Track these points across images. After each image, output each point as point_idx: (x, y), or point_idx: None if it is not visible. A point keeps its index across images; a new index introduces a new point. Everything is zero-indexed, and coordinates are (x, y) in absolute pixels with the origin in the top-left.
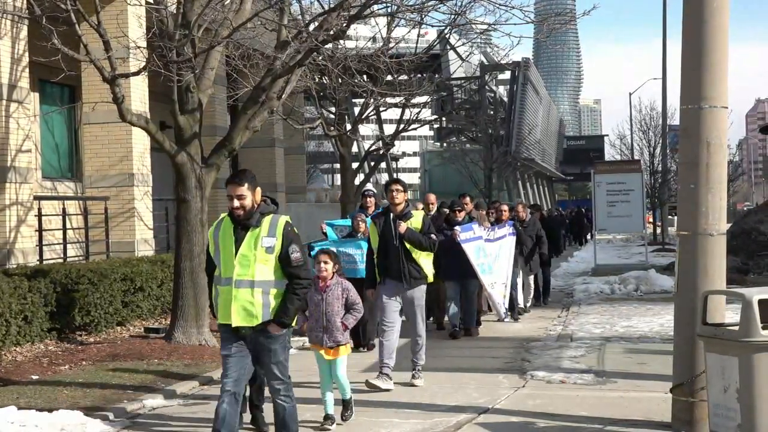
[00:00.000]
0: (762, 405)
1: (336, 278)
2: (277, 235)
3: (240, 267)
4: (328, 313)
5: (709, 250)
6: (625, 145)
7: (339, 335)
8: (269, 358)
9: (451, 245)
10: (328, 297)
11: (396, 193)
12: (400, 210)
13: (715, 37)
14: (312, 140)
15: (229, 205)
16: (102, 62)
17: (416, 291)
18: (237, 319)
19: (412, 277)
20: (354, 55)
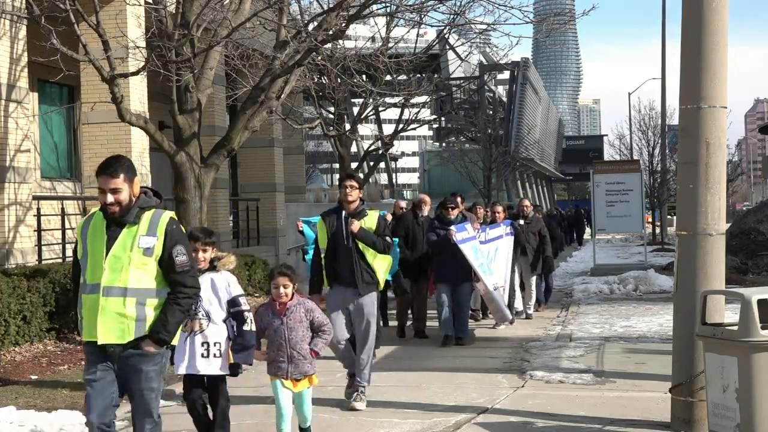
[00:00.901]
0: (761, 405)
1: (297, 298)
2: (158, 234)
3: (110, 271)
4: (291, 340)
5: (708, 249)
6: (624, 145)
7: (307, 365)
8: (140, 384)
9: (445, 246)
10: (289, 321)
11: (349, 189)
12: (354, 208)
13: (714, 37)
14: (311, 140)
15: (101, 200)
16: (101, 62)
17: (368, 298)
18: (104, 335)
19: (364, 281)
20: (353, 55)
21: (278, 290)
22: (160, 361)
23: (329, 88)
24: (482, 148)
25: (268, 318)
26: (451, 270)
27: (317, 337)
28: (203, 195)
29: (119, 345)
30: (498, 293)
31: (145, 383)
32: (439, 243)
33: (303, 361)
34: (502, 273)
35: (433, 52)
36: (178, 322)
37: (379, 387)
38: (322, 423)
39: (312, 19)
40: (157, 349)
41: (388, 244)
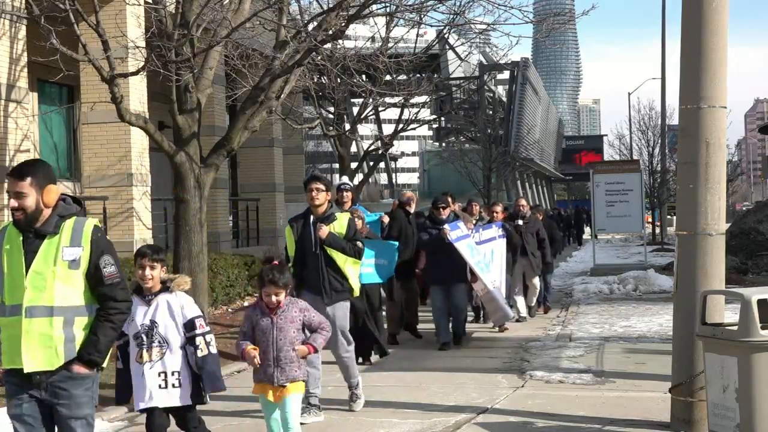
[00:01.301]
0: (761, 405)
1: (290, 298)
2: (83, 244)
3: (33, 289)
4: (279, 342)
5: (708, 249)
6: (624, 145)
7: (295, 369)
8: (70, 411)
9: (438, 246)
10: (279, 321)
11: (316, 192)
12: (322, 212)
13: (714, 37)
14: (311, 140)
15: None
16: (101, 62)
17: (338, 307)
18: (31, 362)
19: (333, 290)
20: (353, 55)
21: (270, 298)
22: (91, 386)
23: (329, 88)
24: (482, 148)
25: (256, 317)
26: (445, 271)
27: (318, 334)
28: (203, 195)
29: (47, 372)
30: (498, 291)
31: (76, 410)
32: (432, 243)
33: (291, 366)
34: (498, 274)
35: (433, 52)
36: (110, 341)
37: (379, 387)
38: (322, 423)
39: (312, 19)
40: (87, 371)
41: (359, 250)
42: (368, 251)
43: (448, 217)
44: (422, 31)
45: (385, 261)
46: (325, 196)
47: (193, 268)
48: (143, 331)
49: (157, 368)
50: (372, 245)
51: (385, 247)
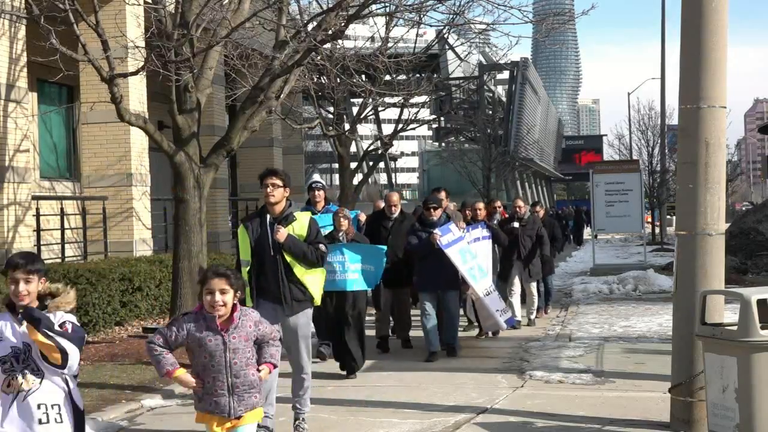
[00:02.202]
0: (761, 404)
1: (241, 309)
2: None
3: None
4: (235, 366)
5: (707, 249)
6: (623, 144)
7: (255, 396)
8: None
9: (428, 250)
10: (233, 341)
11: (271, 188)
12: (280, 211)
13: (713, 37)
14: (310, 140)
15: None
16: (100, 62)
17: (300, 317)
18: None
19: (294, 299)
20: (352, 55)
21: (213, 296)
22: None
23: (328, 88)
24: (481, 147)
25: (198, 334)
26: (436, 276)
27: (270, 346)
28: (202, 195)
29: None
30: (491, 298)
31: None
32: (422, 246)
33: (250, 392)
34: (490, 276)
35: (433, 52)
36: None
37: (379, 387)
38: (322, 423)
39: (311, 19)
40: None
41: (322, 254)
42: (354, 256)
43: (440, 219)
44: (422, 31)
45: (371, 267)
46: (282, 192)
47: (193, 268)
48: (13, 355)
49: (37, 399)
50: (358, 249)
51: (371, 252)
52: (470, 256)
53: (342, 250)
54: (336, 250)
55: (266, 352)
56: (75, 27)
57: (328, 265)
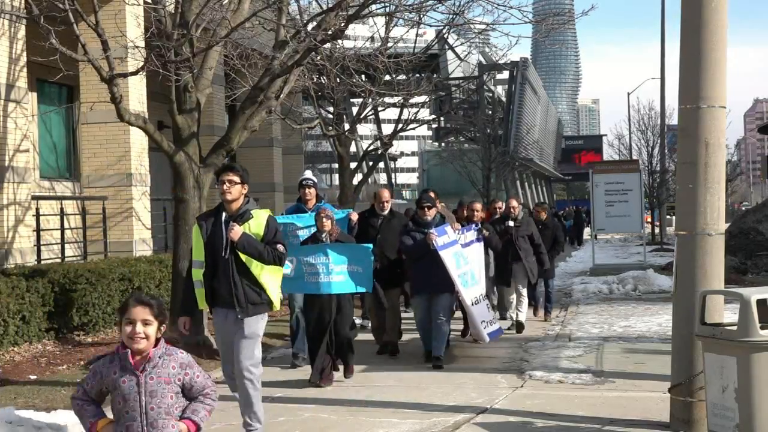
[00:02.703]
0: (760, 405)
1: (164, 346)
2: None
3: None
4: (151, 412)
5: (707, 249)
6: (623, 144)
7: None
8: None
9: (424, 251)
10: (149, 382)
11: (228, 185)
12: (236, 209)
13: (713, 37)
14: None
15: None
16: (100, 62)
17: (252, 322)
18: None
19: (249, 302)
20: (352, 55)
21: (133, 327)
22: None
23: (328, 87)
24: (481, 147)
25: (113, 375)
26: (430, 278)
27: (199, 402)
28: (202, 195)
29: None
30: (478, 308)
31: None
32: (417, 247)
33: None
34: (482, 284)
35: (432, 52)
36: None
37: (379, 387)
38: (321, 423)
39: (311, 18)
40: None
41: (280, 255)
42: (339, 257)
43: (434, 219)
44: (421, 31)
45: (359, 268)
46: (240, 189)
47: None
48: None
49: None
50: (343, 250)
51: (357, 252)
52: (464, 261)
53: (326, 252)
54: (319, 252)
55: (193, 408)
56: (75, 27)
57: (312, 267)
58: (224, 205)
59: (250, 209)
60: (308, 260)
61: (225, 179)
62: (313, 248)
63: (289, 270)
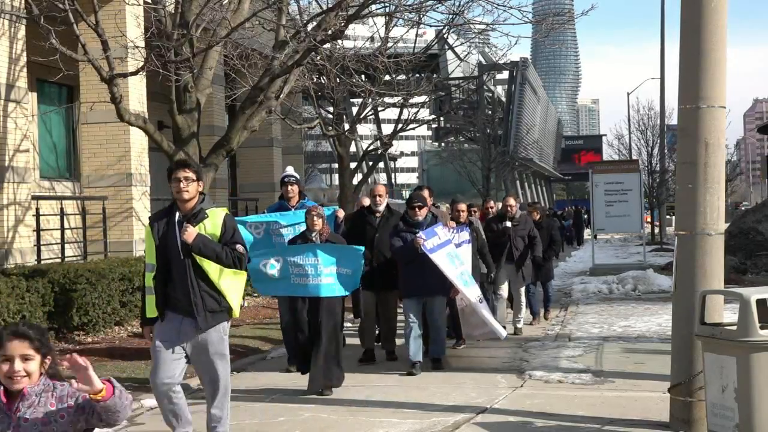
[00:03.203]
0: (760, 404)
1: (45, 381)
2: None
3: None
4: None
5: (707, 249)
6: (623, 144)
7: None
8: None
9: (413, 254)
10: (23, 423)
11: (184, 183)
12: (190, 208)
13: (713, 37)
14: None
15: None
16: (100, 62)
17: (213, 333)
18: None
19: (208, 310)
20: (352, 55)
21: (11, 366)
22: None
23: (328, 88)
24: (481, 147)
25: None
26: (422, 281)
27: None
28: None
29: None
30: (485, 305)
31: None
32: (406, 250)
33: None
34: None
35: (432, 52)
36: None
37: (378, 387)
38: (321, 423)
39: (311, 19)
40: None
41: (239, 256)
42: (328, 258)
43: (426, 219)
44: (421, 31)
45: (348, 270)
46: (196, 186)
47: None
48: None
49: None
50: (333, 251)
51: (348, 253)
52: (459, 262)
53: (315, 252)
54: (308, 252)
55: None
56: (75, 27)
57: (299, 268)
58: (178, 204)
59: (205, 208)
60: (296, 260)
61: (180, 176)
62: (302, 248)
63: (274, 270)
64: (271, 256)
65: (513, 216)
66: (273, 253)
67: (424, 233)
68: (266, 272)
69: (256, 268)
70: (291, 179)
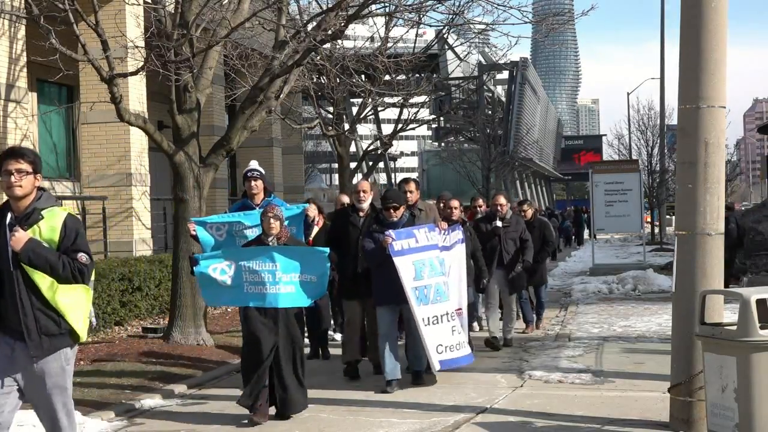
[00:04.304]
0: (760, 404)
1: None
2: None
3: None
4: None
5: (707, 249)
6: (623, 144)
7: None
8: None
9: (383, 255)
10: None
11: (17, 177)
12: (24, 207)
13: (713, 37)
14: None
15: None
16: (100, 62)
17: (52, 361)
18: None
19: (44, 333)
20: (352, 55)
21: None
22: None
23: (328, 88)
24: (481, 147)
25: None
26: (396, 286)
27: None
28: (202, 195)
29: None
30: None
31: None
32: (374, 253)
33: None
34: (457, 298)
35: (432, 52)
36: None
37: (379, 387)
38: (321, 423)
39: (311, 19)
40: None
41: (80, 267)
42: (289, 263)
43: (402, 219)
44: (421, 31)
45: (312, 277)
46: (33, 181)
47: None
48: None
49: None
50: (294, 255)
51: (312, 257)
52: (432, 272)
53: (272, 256)
54: (265, 256)
55: None
56: (75, 27)
57: (255, 275)
58: (11, 203)
59: (40, 207)
60: (250, 266)
61: (12, 168)
62: (258, 251)
63: (225, 276)
64: (222, 260)
65: (503, 216)
66: (224, 256)
67: (395, 232)
68: (215, 278)
69: (204, 273)
70: (255, 174)
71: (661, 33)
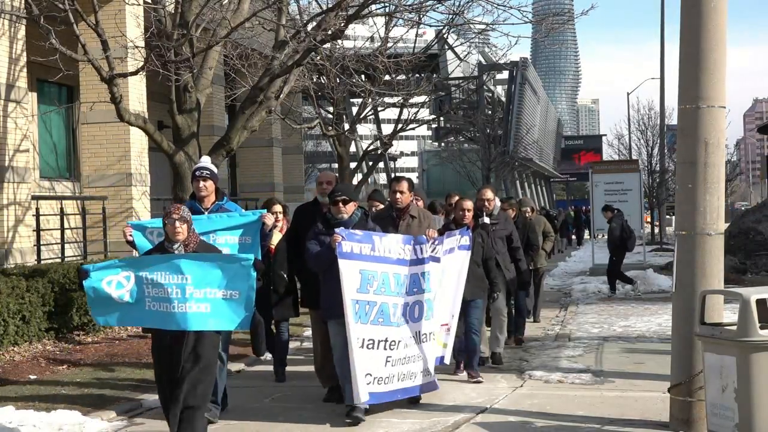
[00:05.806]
0: (760, 404)
1: None
2: None
3: None
4: None
5: (707, 249)
6: (623, 144)
7: None
8: None
9: (332, 257)
10: None
11: None
12: None
13: (713, 37)
14: (310, 140)
15: None
16: (100, 62)
17: None
18: None
19: None
20: (352, 55)
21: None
22: None
23: (328, 88)
24: (481, 147)
25: None
26: None
27: None
28: None
29: None
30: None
31: None
32: (321, 256)
33: None
34: (448, 308)
35: (432, 52)
36: None
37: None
38: (321, 423)
39: (311, 19)
40: None
41: None
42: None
43: (352, 218)
44: (421, 31)
45: (235, 292)
46: None
47: None
48: None
49: None
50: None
51: (232, 267)
52: (381, 288)
53: (182, 267)
54: (170, 267)
55: None
56: (75, 27)
57: (159, 289)
58: None
59: None
60: (153, 278)
61: None
62: (163, 260)
63: (123, 291)
64: (119, 270)
65: (491, 212)
66: (121, 266)
67: (347, 232)
68: (110, 294)
69: (95, 287)
70: (204, 173)
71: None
